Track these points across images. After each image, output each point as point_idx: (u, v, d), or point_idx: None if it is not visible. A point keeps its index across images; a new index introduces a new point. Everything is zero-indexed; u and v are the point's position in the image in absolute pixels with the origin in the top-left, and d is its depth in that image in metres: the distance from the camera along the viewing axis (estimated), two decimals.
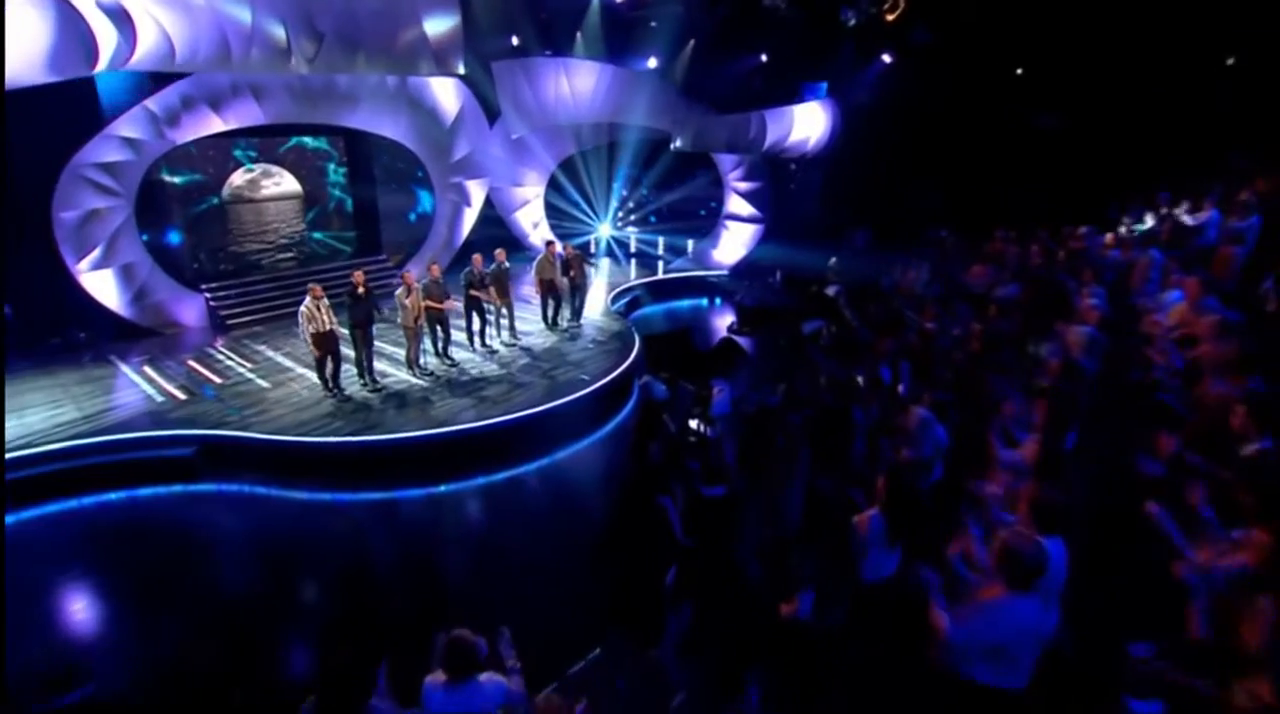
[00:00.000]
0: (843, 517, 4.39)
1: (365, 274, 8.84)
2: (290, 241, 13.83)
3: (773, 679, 3.79)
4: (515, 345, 10.76)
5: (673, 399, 7.52)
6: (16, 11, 5.54)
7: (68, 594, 6.09)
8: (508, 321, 10.86)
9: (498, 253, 10.63)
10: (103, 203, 10.61)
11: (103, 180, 10.53)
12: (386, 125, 13.35)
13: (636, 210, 18.22)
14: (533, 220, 16.59)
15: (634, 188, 17.66)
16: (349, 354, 8.98)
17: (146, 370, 9.91)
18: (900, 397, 6.91)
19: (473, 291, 10.01)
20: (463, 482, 7.81)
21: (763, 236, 15.84)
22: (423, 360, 9.65)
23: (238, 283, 12.67)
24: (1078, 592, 3.26)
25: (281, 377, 9.65)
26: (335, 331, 8.57)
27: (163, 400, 8.87)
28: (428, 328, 9.64)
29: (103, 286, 10.91)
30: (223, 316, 12.02)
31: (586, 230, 17.53)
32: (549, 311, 11.49)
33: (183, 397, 8.98)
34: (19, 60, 5.42)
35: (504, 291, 10.53)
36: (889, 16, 13.06)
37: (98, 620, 5.91)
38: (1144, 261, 8.55)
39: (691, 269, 16.12)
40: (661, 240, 17.20)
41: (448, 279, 9.93)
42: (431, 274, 9.53)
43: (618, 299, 13.89)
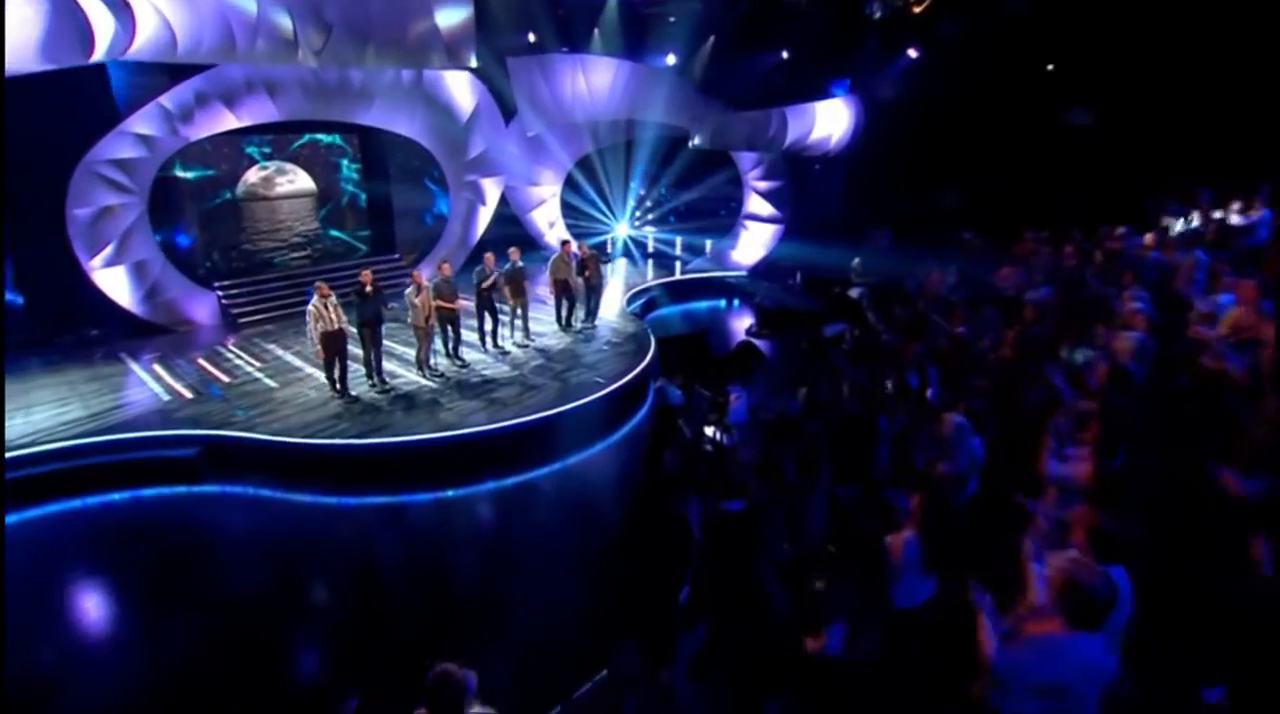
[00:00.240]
0: (868, 531, 4.07)
1: (374, 273, 8.62)
2: (304, 239, 13.72)
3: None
4: (528, 346, 10.51)
5: (689, 405, 7.22)
6: None
7: (67, 596, 5.92)
8: (521, 322, 10.61)
9: (511, 252, 10.39)
10: (116, 199, 10.54)
11: (116, 177, 10.46)
12: (401, 122, 13.19)
13: (654, 210, 17.92)
14: (549, 219, 16.36)
15: (651, 187, 17.36)
16: (357, 353, 8.78)
17: (156, 368, 9.80)
18: (929, 404, 6.56)
19: (484, 287, 9.78)
20: (471, 486, 7.57)
21: (783, 236, 15.46)
22: (433, 361, 9.43)
23: (250, 281, 12.56)
24: (1141, 626, 2.91)
25: (289, 376, 9.48)
26: (345, 330, 8.38)
27: (169, 399, 8.73)
28: (438, 328, 9.43)
29: (115, 284, 10.84)
30: (234, 315, 11.91)
31: (603, 230, 17.27)
32: (563, 312, 11.23)
33: (190, 396, 8.84)
34: (10, 47, 5.24)
35: (519, 291, 10.29)
36: (915, 9, 12.66)
37: (96, 623, 5.76)
38: (1188, 263, 8.09)
39: (709, 270, 15.79)
40: (679, 240, 16.89)
41: (461, 278, 9.71)
42: (442, 273, 9.31)
43: (634, 300, 13.60)
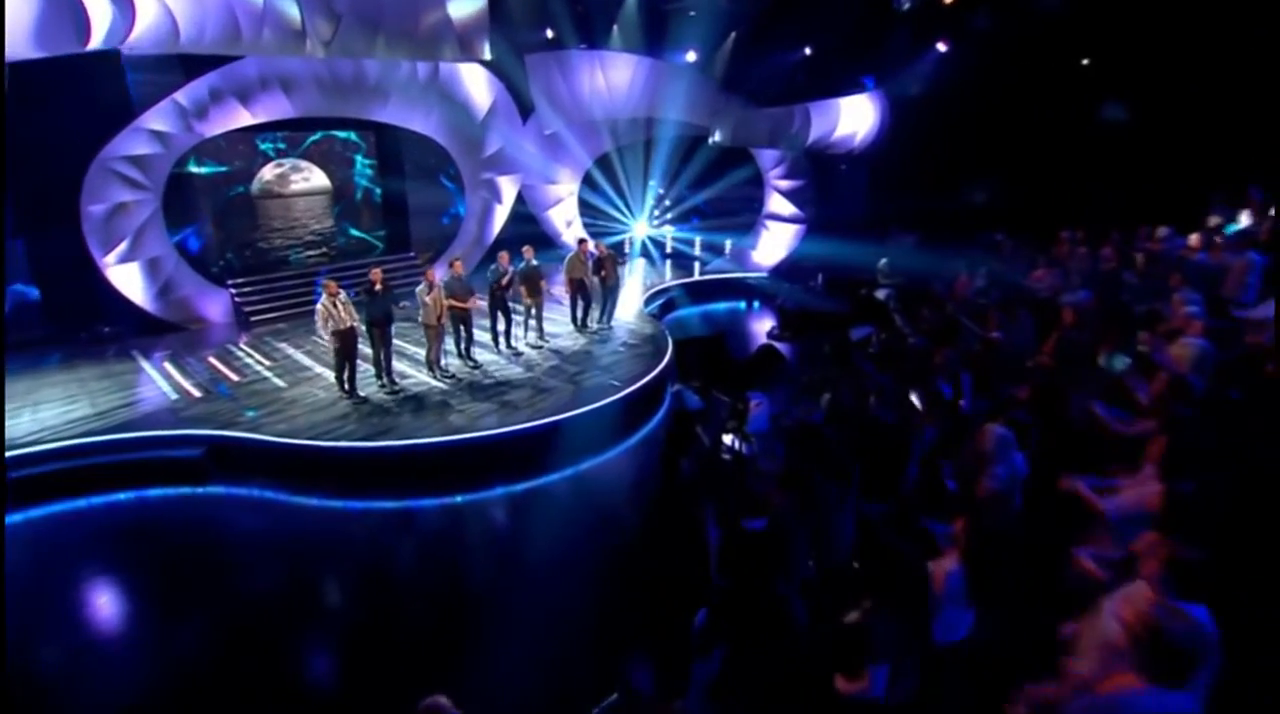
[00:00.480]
0: (903, 555, 3.72)
1: (384, 272, 8.41)
2: (318, 237, 13.60)
3: None
4: (542, 347, 10.25)
5: (707, 410, 6.90)
6: None
7: (66, 599, 5.76)
8: (535, 322, 10.36)
9: (525, 250, 10.14)
10: (130, 196, 10.48)
11: (131, 173, 10.39)
12: (417, 119, 13.02)
13: (673, 209, 17.60)
14: (566, 218, 16.12)
15: (671, 186, 17.04)
16: (366, 352, 8.56)
17: (167, 366, 9.68)
18: (963, 413, 6.17)
19: (501, 285, 9.55)
20: (481, 492, 7.32)
21: (805, 236, 15.07)
22: (444, 361, 9.20)
23: (263, 279, 12.45)
24: (1225, 676, 2.54)
25: (298, 376, 9.30)
26: (356, 329, 8.18)
27: (176, 398, 8.59)
28: (450, 327, 9.20)
29: (129, 280, 10.78)
30: (247, 313, 11.80)
31: (621, 229, 16.99)
32: (578, 312, 10.96)
33: (198, 394, 8.69)
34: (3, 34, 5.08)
35: (535, 290, 10.04)
36: (945, 1, 12.21)
37: (95, 626, 5.57)
38: (1240, 265, 7.63)
39: (729, 270, 15.44)
40: (698, 240, 16.56)
41: (475, 278, 9.47)
42: (454, 271, 9.08)
43: (651, 301, 13.30)
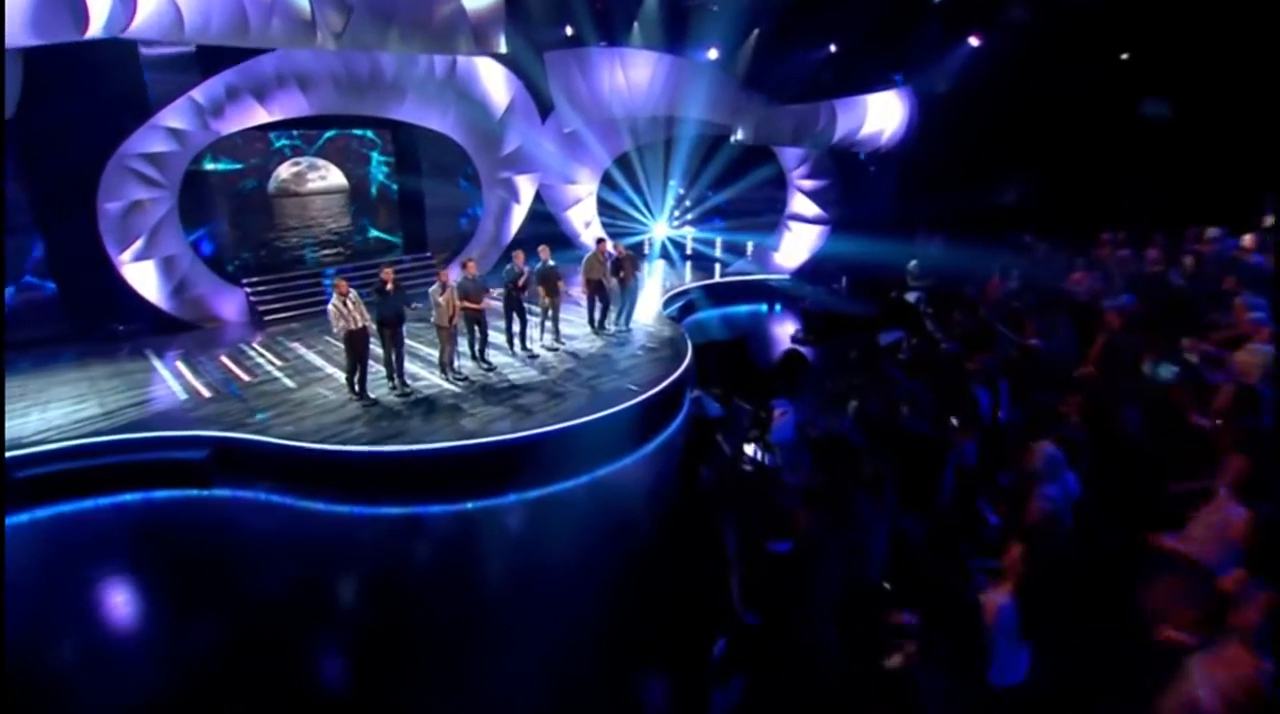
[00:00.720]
0: (948, 583, 3.39)
1: (397, 271, 8.20)
2: (335, 236, 13.48)
3: None
4: (558, 349, 9.98)
5: (728, 417, 6.58)
6: None
7: (65, 603, 5.62)
8: (551, 324, 10.09)
9: (541, 250, 9.89)
10: (146, 194, 10.41)
11: (147, 171, 10.32)
12: (434, 117, 12.85)
13: (693, 209, 17.27)
14: (584, 219, 15.86)
15: (691, 186, 16.72)
16: (378, 353, 8.35)
17: (179, 365, 9.57)
18: (1002, 424, 5.79)
19: (518, 285, 9.30)
20: (492, 499, 7.07)
21: (829, 235, 14.67)
22: (457, 363, 8.97)
23: (278, 278, 12.35)
24: None
25: (309, 377, 9.13)
26: (368, 328, 7.98)
27: (185, 398, 8.45)
28: (464, 328, 8.97)
29: (144, 278, 10.70)
30: (261, 312, 11.69)
31: (641, 230, 16.71)
32: (596, 314, 10.69)
33: (208, 394, 8.54)
34: None
35: (551, 291, 9.78)
36: None
37: (93, 631, 5.41)
38: None
39: (751, 272, 15.08)
40: (719, 241, 16.22)
41: (491, 278, 9.23)
42: (467, 271, 8.84)
43: (671, 303, 12.99)
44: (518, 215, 14.54)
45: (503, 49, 8.29)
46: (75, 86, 9.71)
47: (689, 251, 16.59)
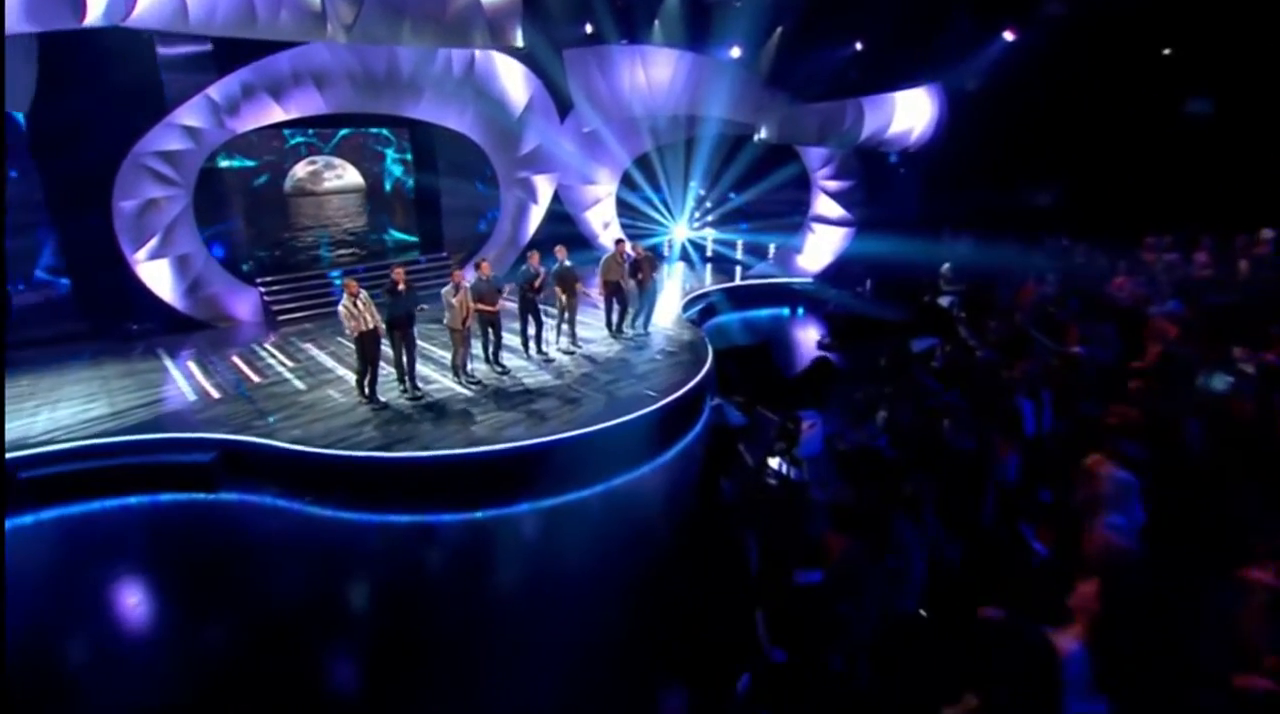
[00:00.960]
0: (1017, 627, 3.02)
1: (407, 271, 7.98)
2: (350, 237, 13.35)
3: None
4: (574, 353, 9.70)
5: (750, 427, 6.25)
6: None
7: (64, 606, 5.48)
8: (568, 327, 9.82)
9: (558, 250, 9.62)
10: (161, 192, 10.32)
11: (162, 169, 10.24)
12: (451, 116, 12.67)
13: (714, 210, 16.93)
14: (603, 220, 15.60)
15: (712, 187, 16.39)
16: (389, 354, 8.13)
17: (190, 366, 9.44)
18: (1044, 438, 5.40)
19: (534, 287, 9.05)
20: (504, 508, 6.80)
21: (853, 237, 14.27)
22: (470, 366, 8.72)
23: (291, 277, 12.22)
24: None
25: (320, 378, 8.94)
26: (379, 330, 7.76)
27: (194, 399, 8.30)
28: (478, 331, 8.73)
29: (158, 277, 10.61)
30: (275, 312, 11.56)
31: (661, 231, 16.41)
32: (613, 317, 10.40)
33: (217, 395, 8.39)
34: None
35: (568, 293, 9.51)
36: None
37: (91, 638, 5.24)
38: None
39: (773, 275, 14.71)
40: (740, 243, 15.86)
41: (507, 280, 8.98)
42: (481, 272, 8.60)
43: (691, 306, 12.68)
44: (535, 216, 14.32)
45: (519, 43, 8.04)
46: (91, 84, 9.65)
47: (709, 254, 16.27)
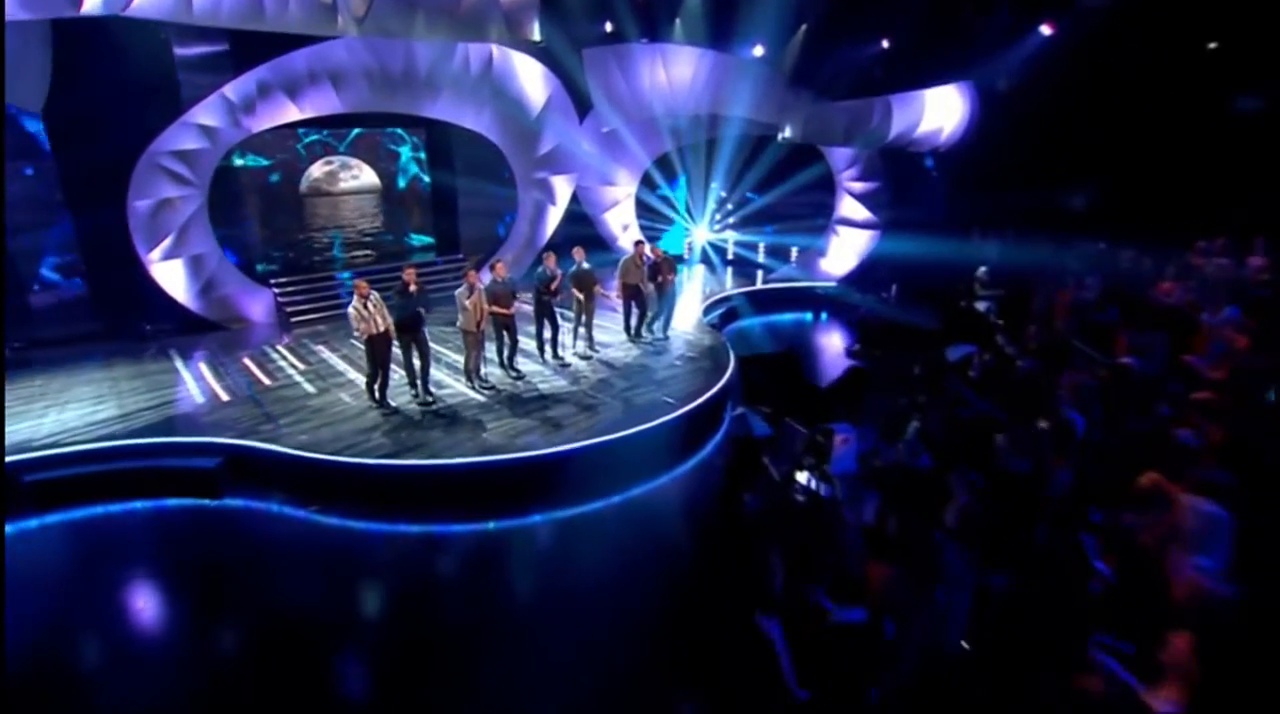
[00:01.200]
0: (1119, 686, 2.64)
1: (417, 271, 7.73)
2: (366, 237, 13.18)
3: None
4: (591, 358, 9.41)
5: (775, 438, 5.90)
6: None
7: (64, 611, 5.31)
8: (585, 330, 9.53)
9: (576, 251, 9.33)
10: (176, 192, 10.21)
11: (177, 168, 10.12)
12: (469, 116, 12.48)
13: (736, 213, 16.57)
14: (622, 222, 15.32)
15: (733, 188, 16.04)
16: (399, 356, 7.87)
17: (201, 367, 9.28)
18: (1092, 455, 4.98)
19: (550, 289, 8.78)
20: (516, 519, 6.53)
21: (879, 239, 13.84)
22: (484, 371, 8.46)
23: (305, 279, 12.07)
24: None
25: (330, 382, 8.73)
26: (390, 332, 7.51)
27: (203, 401, 8.12)
28: (492, 334, 8.46)
29: (172, 277, 10.50)
30: (289, 313, 11.40)
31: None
32: (632, 321, 10.09)
33: (226, 398, 8.21)
34: None
35: (586, 296, 9.22)
36: None
37: (87, 647, 5.03)
38: None
39: (796, 278, 14.33)
40: (762, 246, 15.49)
41: (523, 280, 8.71)
42: (496, 273, 8.34)
43: (711, 310, 12.34)
44: (554, 217, 14.08)
45: (537, 36, 7.78)
46: (108, 84, 9.57)
47: (730, 257, 15.92)
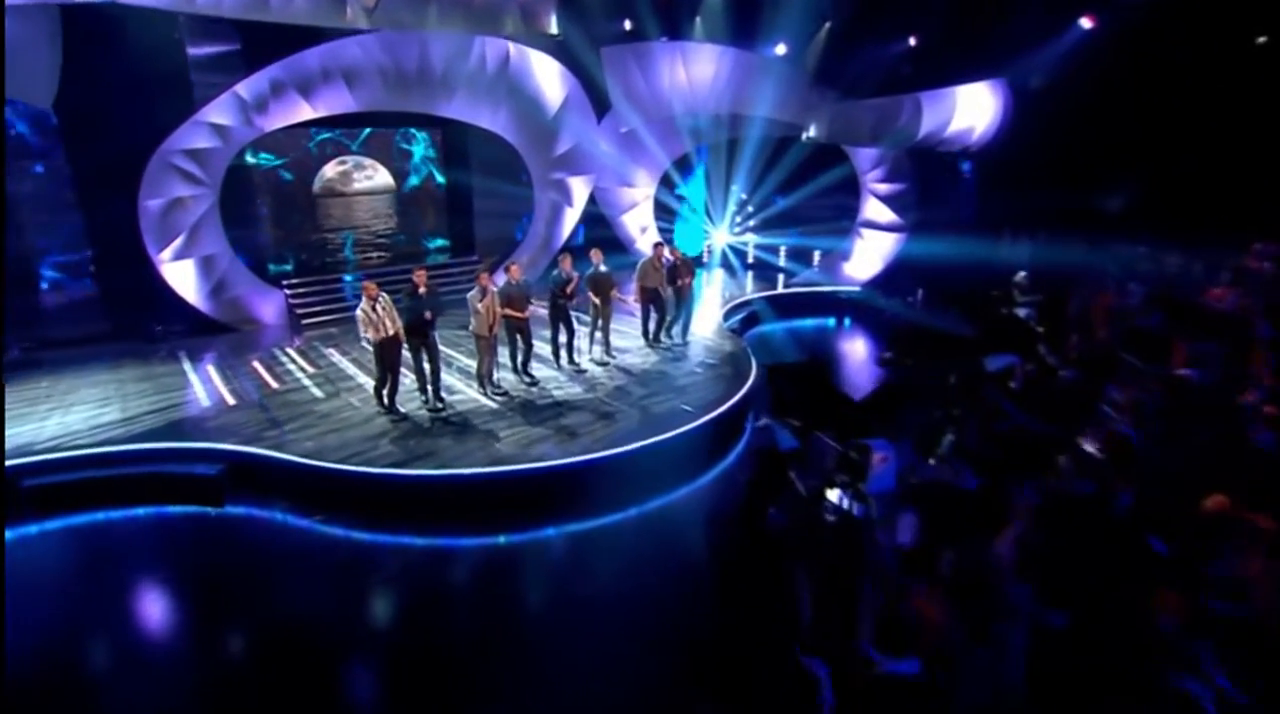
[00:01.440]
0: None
1: (427, 273, 7.47)
2: (380, 239, 12.99)
3: None
4: (608, 364, 9.09)
5: (802, 451, 5.53)
6: None
7: (62, 618, 5.13)
8: (601, 335, 9.22)
9: (593, 253, 9.02)
10: (188, 191, 10.06)
11: (189, 167, 9.97)
12: (484, 115, 12.24)
13: (757, 215, 16.20)
14: (640, 224, 15.01)
15: (754, 190, 15.68)
16: (409, 359, 7.60)
17: (209, 370, 9.09)
18: (1168, 477, 4.57)
19: (566, 292, 8.49)
20: (528, 533, 6.24)
21: (906, 240, 13.41)
22: (496, 376, 8.17)
23: (317, 280, 11.88)
24: None
25: (339, 386, 8.49)
26: (400, 336, 7.25)
27: (209, 405, 7.90)
28: (505, 338, 8.17)
29: (182, 278, 10.34)
30: (300, 315, 11.20)
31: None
32: (650, 325, 9.76)
33: (232, 402, 7.99)
34: None
35: (604, 298, 8.91)
36: None
37: (86, 657, 4.85)
38: None
39: (818, 282, 13.93)
40: (784, 249, 15.11)
41: (538, 284, 8.44)
42: (510, 276, 8.06)
43: (732, 314, 11.99)
44: (570, 219, 13.81)
45: (554, 29, 7.50)
46: (120, 82, 9.47)
47: (750, 260, 15.56)
